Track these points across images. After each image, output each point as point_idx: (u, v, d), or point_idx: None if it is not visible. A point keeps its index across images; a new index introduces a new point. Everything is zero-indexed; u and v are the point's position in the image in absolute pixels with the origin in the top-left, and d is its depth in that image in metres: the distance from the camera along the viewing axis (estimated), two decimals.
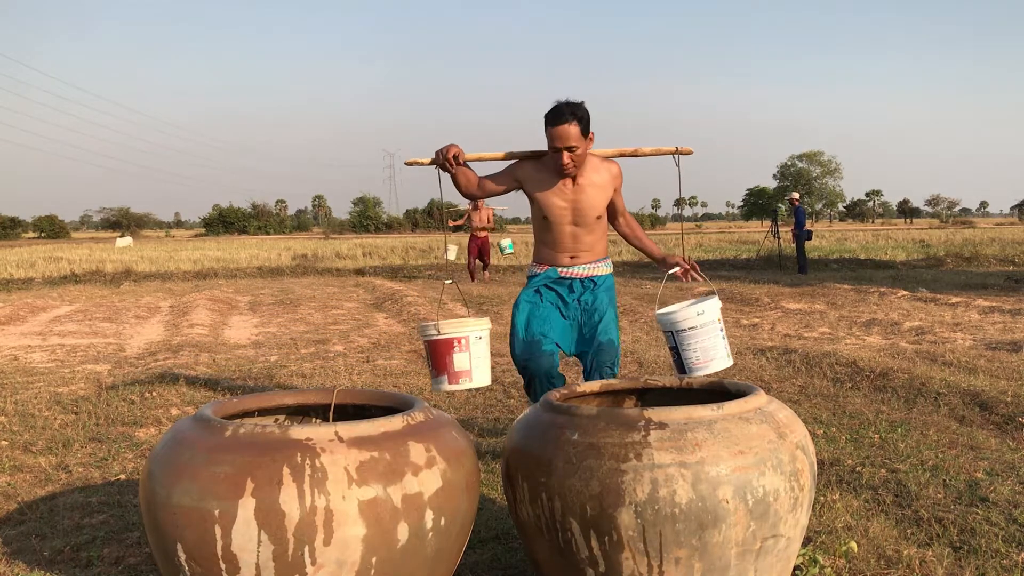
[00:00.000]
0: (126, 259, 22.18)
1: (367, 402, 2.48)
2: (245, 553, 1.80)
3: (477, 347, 3.15)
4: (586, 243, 3.39)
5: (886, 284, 13.18)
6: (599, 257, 3.45)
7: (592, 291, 3.42)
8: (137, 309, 11.74)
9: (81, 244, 40.90)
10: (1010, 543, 2.78)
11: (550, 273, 3.44)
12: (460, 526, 2.06)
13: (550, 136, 3.15)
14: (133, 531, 3.06)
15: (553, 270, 3.43)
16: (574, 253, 3.40)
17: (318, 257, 23.45)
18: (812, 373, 5.77)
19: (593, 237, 3.40)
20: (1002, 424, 4.35)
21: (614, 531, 1.92)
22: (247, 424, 1.94)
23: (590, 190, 3.31)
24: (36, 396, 5.52)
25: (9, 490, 3.57)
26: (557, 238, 3.39)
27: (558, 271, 3.41)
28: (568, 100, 3.17)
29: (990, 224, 70.56)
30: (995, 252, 20.47)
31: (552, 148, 3.16)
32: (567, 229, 3.36)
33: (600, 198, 3.34)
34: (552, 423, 2.10)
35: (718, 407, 2.01)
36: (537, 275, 3.47)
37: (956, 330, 7.97)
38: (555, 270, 3.43)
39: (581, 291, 3.42)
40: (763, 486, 1.92)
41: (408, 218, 72.54)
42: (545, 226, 3.39)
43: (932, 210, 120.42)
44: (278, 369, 6.50)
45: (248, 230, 73.78)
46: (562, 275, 3.41)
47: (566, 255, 3.40)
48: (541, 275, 3.45)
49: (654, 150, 3.46)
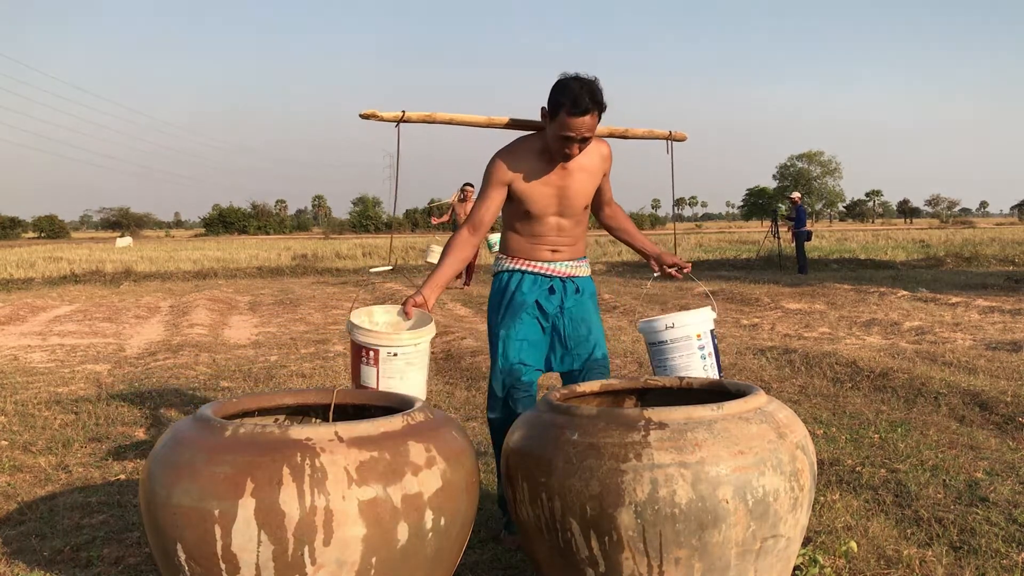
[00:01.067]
0: (126, 259, 22.17)
1: (367, 402, 2.48)
2: (245, 553, 1.80)
3: (389, 365, 2.55)
4: (569, 236, 2.91)
5: (886, 284, 13.18)
6: (580, 255, 2.98)
7: (576, 297, 2.93)
8: (137, 309, 11.74)
9: (81, 244, 40.88)
10: (1010, 543, 2.78)
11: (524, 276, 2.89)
12: (460, 526, 2.06)
13: (564, 125, 2.64)
14: (133, 531, 3.06)
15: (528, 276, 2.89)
16: (556, 247, 2.90)
17: (318, 257, 23.45)
18: (812, 373, 5.77)
19: (578, 230, 2.94)
20: (1002, 424, 4.35)
21: (614, 531, 1.92)
22: (247, 424, 1.94)
23: (579, 175, 2.83)
24: (36, 396, 5.53)
25: (9, 490, 3.57)
26: (538, 229, 2.88)
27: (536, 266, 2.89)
28: (581, 78, 2.65)
29: (990, 224, 70.53)
30: (995, 252, 20.46)
31: (560, 137, 2.67)
32: (551, 220, 2.87)
33: (589, 184, 2.88)
34: (552, 423, 2.10)
35: (718, 407, 2.01)
36: (508, 271, 2.92)
37: (956, 330, 7.97)
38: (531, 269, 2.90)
39: (563, 294, 2.90)
40: (763, 486, 1.92)
41: (408, 218, 72.52)
42: (525, 217, 2.87)
43: (932, 210, 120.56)
44: (278, 369, 6.50)
45: (248, 230, 73.78)
46: (540, 271, 2.89)
47: (546, 248, 2.89)
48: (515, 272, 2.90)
49: (647, 132, 3.15)
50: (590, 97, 2.61)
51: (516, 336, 2.86)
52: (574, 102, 2.60)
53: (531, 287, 2.88)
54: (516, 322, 2.86)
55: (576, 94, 2.60)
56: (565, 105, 2.61)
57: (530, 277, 2.89)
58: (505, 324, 2.87)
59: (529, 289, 2.88)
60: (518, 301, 2.87)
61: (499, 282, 2.95)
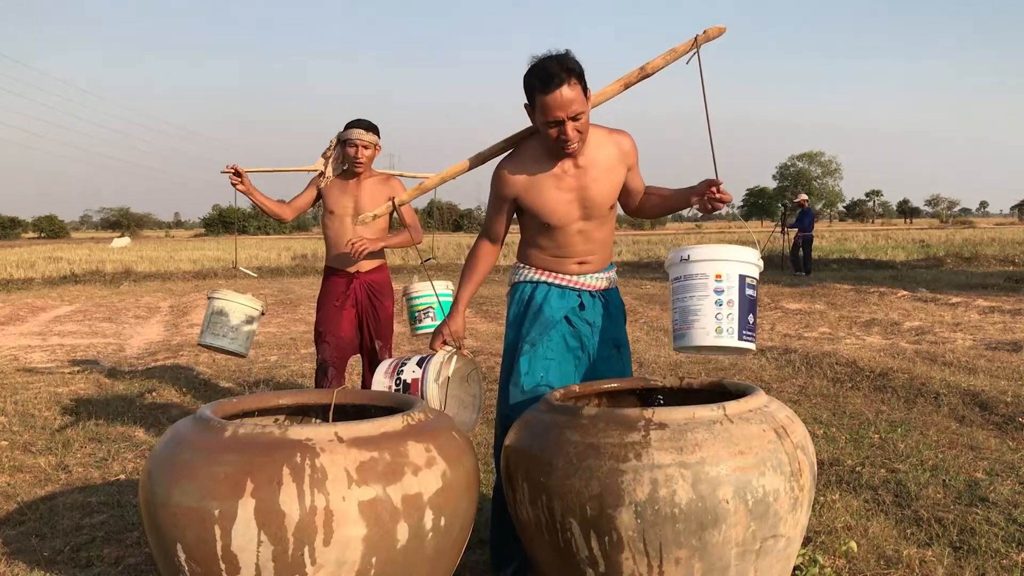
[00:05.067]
0: (126, 259, 22.18)
1: (367, 402, 2.48)
2: (245, 553, 1.80)
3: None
4: (597, 242, 2.57)
5: (886, 284, 13.18)
6: (608, 263, 2.67)
7: (605, 311, 2.63)
8: (137, 309, 11.74)
9: (81, 244, 40.89)
10: (1010, 543, 2.78)
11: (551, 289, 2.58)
12: (460, 526, 2.06)
13: (543, 108, 2.30)
14: (133, 531, 3.06)
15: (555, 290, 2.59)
16: (583, 258, 2.56)
17: (318, 257, 23.45)
18: (812, 373, 5.77)
19: (604, 233, 2.59)
20: (1002, 424, 4.35)
21: (614, 531, 1.91)
22: (247, 424, 1.94)
23: (597, 173, 2.47)
24: (36, 396, 5.53)
25: (9, 490, 3.57)
26: (561, 240, 2.54)
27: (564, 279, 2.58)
28: (545, 55, 2.35)
29: (990, 224, 70.57)
30: (995, 252, 20.47)
31: (548, 123, 2.33)
32: (574, 228, 2.52)
33: (611, 183, 2.50)
34: (552, 423, 2.10)
35: (718, 407, 2.01)
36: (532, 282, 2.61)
37: (956, 330, 7.97)
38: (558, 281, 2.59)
39: (592, 308, 2.60)
40: (763, 486, 1.92)
41: None
42: (544, 229, 2.54)
43: (932, 210, 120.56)
44: (278, 369, 6.50)
45: (248, 230, 73.72)
46: (569, 284, 2.57)
47: (573, 260, 2.56)
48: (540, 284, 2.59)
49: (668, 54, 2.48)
50: (559, 65, 2.29)
51: (544, 355, 2.54)
52: (544, 78, 2.29)
53: (559, 302, 2.56)
54: (544, 339, 2.54)
55: (542, 69, 2.30)
56: (536, 86, 2.30)
57: (557, 291, 2.57)
58: (531, 340, 2.54)
59: (558, 304, 2.56)
60: (547, 316, 2.55)
61: (521, 294, 2.63)
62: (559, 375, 2.55)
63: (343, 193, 3.99)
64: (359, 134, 3.88)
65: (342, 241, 3.95)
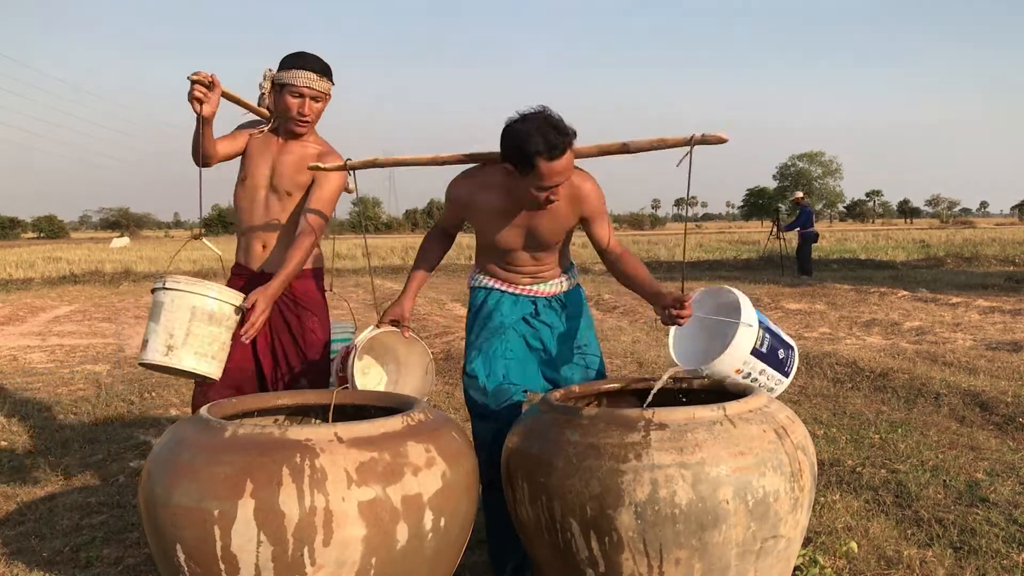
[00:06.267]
0: (125, 259, 22.18)
1: (367, 402, 2.48)
2: (245, 553, 1.79)
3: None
4: (549, 262, 2.59)
5: (886, 284, 13.18)
6: (564, 270, 2.65)
7: (564, 313, 2.64)
8: (136, 309, 11.74)
9: (80, 244, 40.89)
10: (1010, 543, 2.78)
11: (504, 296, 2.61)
12: (460, 527, 2.05)
13: (544, 174, 2.25)
14: (133, 531, 3.06)
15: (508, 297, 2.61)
16: (535, 274, 2.59)
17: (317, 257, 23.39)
18: (812, 373, 5.77)
19: (555, 256, 2.60)
20: (1002, 424, 4.35)
21: (614, 532, 1.91)
22: (247, 424, 1.94)
23: (545, 216, 2.43)
24: (36, 396, 5.53)
25: (9, 491, 3.57)
26: (510, 259, 2.57)
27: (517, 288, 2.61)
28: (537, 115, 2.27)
29: (990, 224, 70.57)
30: (995, 252, 20.47)
31: (543, 188, 2.28)
32: (520, 254, 2.55)
33: (560, 226, 2.48)
34: (552, 423, 2.10)
35: (718, 407, 2.01)
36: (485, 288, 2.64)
37: (956, 330, 7.97)
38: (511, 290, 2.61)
39: (546, 312, 2.62)
40: (763, 487, 1.92)
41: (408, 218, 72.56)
42: (495, 248, 2.56)
43: (932, 210, 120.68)
44: None
45: None
46: (522, 293, 2.60)
47: (524, 276, 2.59)
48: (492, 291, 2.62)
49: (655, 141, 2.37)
50: (558, 132, 2.22)
51: (503, 355, 2.55)
52: (549, 146, 2.21)
53: (512, 308, 2.60)
54: (496, 339, 2.56)
55: (546, 135, 2.21)
56: (541, 153, 2.21)
57: (511, 297, 2.61)
58: (477, 345, 2.58)
59: (510, 311, 2.60)
60: (496, 322, 2.58)
61: (475, 298, 2.66)
62: (520, 374, 2.57)
63: (262, 156, 2.81)
64: (307, 78, 2.68)
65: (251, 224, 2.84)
